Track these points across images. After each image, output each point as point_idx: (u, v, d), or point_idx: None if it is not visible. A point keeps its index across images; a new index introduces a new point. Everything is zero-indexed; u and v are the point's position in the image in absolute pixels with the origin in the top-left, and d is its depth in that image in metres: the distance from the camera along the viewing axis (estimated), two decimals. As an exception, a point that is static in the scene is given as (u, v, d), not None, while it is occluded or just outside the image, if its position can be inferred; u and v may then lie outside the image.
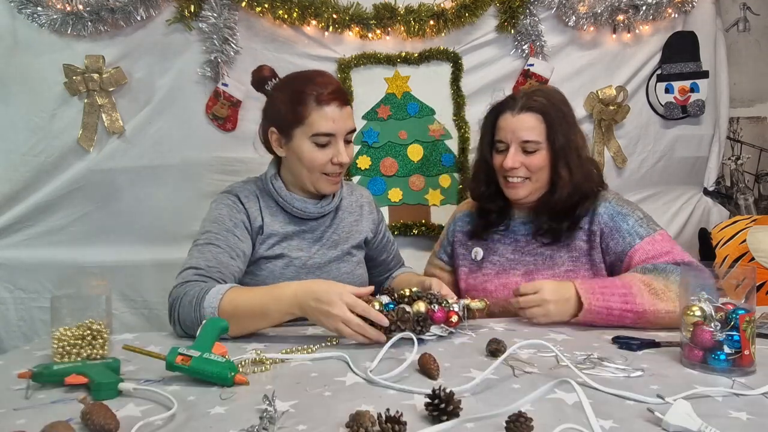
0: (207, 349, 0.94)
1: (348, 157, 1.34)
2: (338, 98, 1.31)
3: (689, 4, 2.23)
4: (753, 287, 0.94)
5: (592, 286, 1.22)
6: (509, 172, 1.43)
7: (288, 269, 1.35)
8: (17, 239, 2.04)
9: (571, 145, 1.42)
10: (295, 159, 1.34)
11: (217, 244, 1.27)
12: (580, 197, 1.42)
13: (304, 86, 1.31)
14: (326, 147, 1.31)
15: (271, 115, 1.37)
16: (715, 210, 2.45)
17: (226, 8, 1.97)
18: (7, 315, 2.06)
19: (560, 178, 1.41)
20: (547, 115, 1.41)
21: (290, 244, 1.37)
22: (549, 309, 1.21)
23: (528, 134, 1.41)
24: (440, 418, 0.74)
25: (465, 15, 2.07)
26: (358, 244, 1.49)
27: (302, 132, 1.31)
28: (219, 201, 1.37)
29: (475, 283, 1.51)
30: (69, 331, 1.02)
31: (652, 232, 1.35)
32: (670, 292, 1.19)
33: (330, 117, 1.29)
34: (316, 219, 1.41)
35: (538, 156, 1.41)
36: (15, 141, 1.97)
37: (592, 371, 0.92)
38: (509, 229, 1.52)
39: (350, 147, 1.37)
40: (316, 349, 1.09)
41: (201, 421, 0.78)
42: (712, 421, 0.71)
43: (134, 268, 2.05)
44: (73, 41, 1.94)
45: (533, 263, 1.45)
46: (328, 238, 1.42)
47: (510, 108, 1.44)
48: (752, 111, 2.65)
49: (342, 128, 1.31)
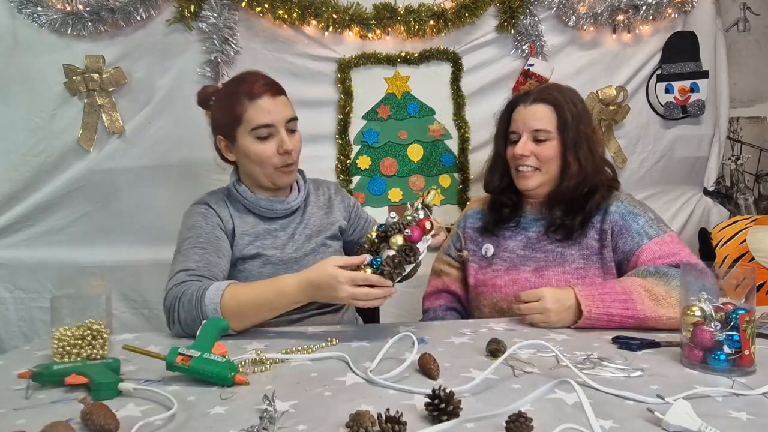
0: (207, 349, 0.94)
1: (292, 145, 1.35)
2: (269, 89, 1.33)
3: (689, 4, 2.23)
4: (753, 287, 0.94)
5: (592, 293, 1.21)
6: (520, 161, 1.45)
7: (265, 267, 1.36)
8: (17, 239, 2.04)
9: (582, 137, 1.43)
10: (245, 159, 1.36)
11: (200, 246, 1.28)
12: (589, 189, 1.43)
13: (235, 87, 1.35)
14: (269, 139, 1.33)
15: (215, 125, 1.42)
16: (715, 210, 2.45)
17: (226, 8, 1.97)
18: (7, 315, 2.06)
19: (569, 167, 1.42)
20: (559, 107, 1.43)
21: (264, 243, 1.38)
22: (550, 316, 1.22)
23: (539, 123, 1.43)
24: (440, 418, 0.74)
25: (465, 15, 2.07)
26: (332, 235, 1.48)
27: (243, 130, 1.33)
28: (191, 212, 1.40)
29: (484, 278, 1.50)
30: (69, 331, 1.02)
31: (662, 233, 1.35)
32: (671, 298, 1.18)
33: (264, 108, 1.31)
34: (286, 217, 1.43)
35: (549, 146, 1.43)
36: (15, 141, 1.97)
37: (592, 371, 0.92)
38: (520, 225, 1.52)
39: (295, 135, 1.38)
40: (316, 349, 1.09)
41: (201, 421, 0.78)
42: (712, 421, 0.71)
43: (134, 268, 2.05)
44: (73, 41, 1.94)
45: (544, 260, 1.44)
46: (300, 234, 1.43)
47: (523, 101, 1.48)
48: (752, 111, 2.65)
49: (279, 117, 1.33)
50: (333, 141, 2.13)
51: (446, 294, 1.62)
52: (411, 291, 2.15)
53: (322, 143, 2.12)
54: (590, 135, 1.46)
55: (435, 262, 1.70)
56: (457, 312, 1.60)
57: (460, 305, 1.62)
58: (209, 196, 1.44)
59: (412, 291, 2.14)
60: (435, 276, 1.67)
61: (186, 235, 1.33)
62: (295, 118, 1.38)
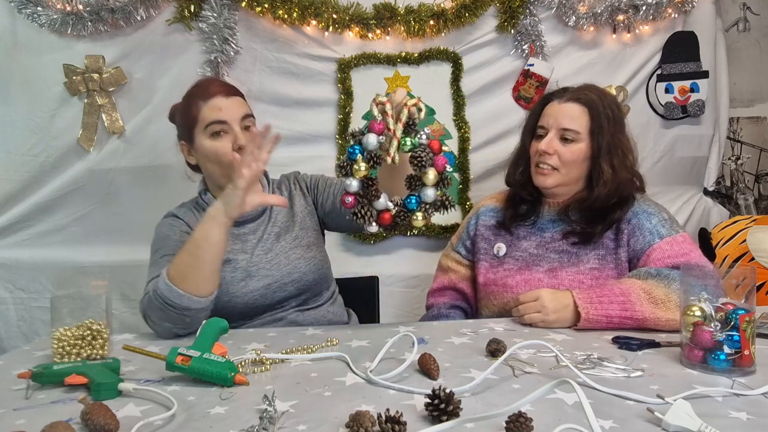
0: (207, 349, 0.94)
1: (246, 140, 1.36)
2: (222, 90, 1.36)
3: (689, 4, 2.23)
4: (753, 287, 0.94)
5: (590, 296, 1.21)
6: (541, 157, 1.41)
7: (237, 272, 1.36)
8: (17, 239, 2.04)
9: (617, 144, 1.39)
10: (204, 159, 1.38)
11: (170, 254, 1.29)
12: (619, 199, 1.39)
13: (191, 92, 1.39)
14: (222, 135, 1.34)
15: (178, 132, 1.44)
16: (715, 210, 2.45)
17: (226, 8, 1.97)
18: (7, 315, 2.06)
19: (602, 174, 1.37)
20: (594, 109, 1.39)
21: (233, 248, 1.38)
22: (548, 314, 1.22)
23: (569, 122, 1.39)
24: (440, 418, 0.74)
25: (465, 15, 2.07)
26: (302, 225, 1.47)
27: (199, 131, 1.35)
28: (160, 224, 1.43)
29: (495, 278, 1.46)
30: (69, 331, 1.02)
31: (674, 233, 1.34)
32: (670, 302, 1.18)
33: (216, 106, 1.34)
34: (253, 221, 1.43)
35: (574, 148, 1.39)
36: (15, 141, 1.97)
37: (592, 371, 0.92)
38: (536, 226, 1.47)
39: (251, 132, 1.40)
40: (316, 349, 1.09)
41: (201, 421, 0.78)
42: (712, 421, 0.71)
43: (134, 268, 2.04)
44: (73, 41, 1.94)
45: (558, 260, 1.41)
46: (269, 233, 1.43)
47: (558, 97, 1.44)
48: (752, 111, 2.64)
49: (233, 115, 1.34)
50: (333, 141, 2.13)
51: (452, 291, 1.59)
52: (411, 291, 2.15)
53: (322, 143, 2.12)
54: (625, 143, 1.42)
55: (442, 257, 1.66)
56: (462, 310, 1.58)
57: (467, 303, 1.59)
58: (178, 208, 1.48)
59: (412, 291, 2.15)
60: (442, 272, 1.63)
61: (156, 247, 1.37)
62: (251, 116, 1.38)
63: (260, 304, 1.36)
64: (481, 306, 1.53)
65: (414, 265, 2.14)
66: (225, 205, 1.20)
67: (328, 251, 1.53)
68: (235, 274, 1.36)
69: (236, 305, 1.34)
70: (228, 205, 1.20)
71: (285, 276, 1.38)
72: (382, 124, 1.09)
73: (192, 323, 1.18)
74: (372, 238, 2.12)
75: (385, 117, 1.09)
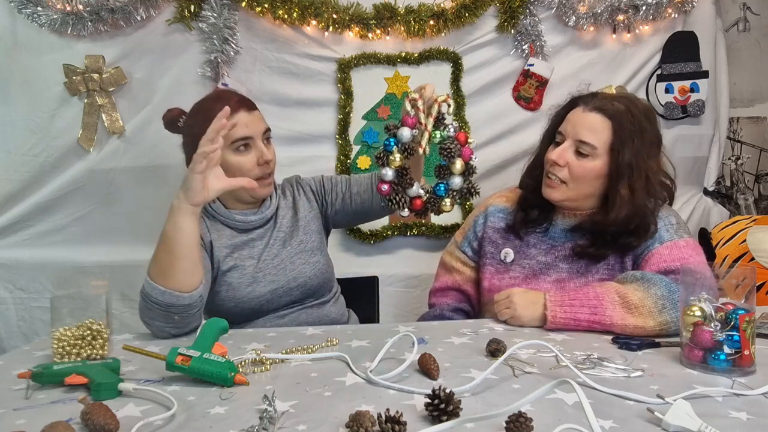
0: (207, 349, 0.94)
1: (271, 155, 1.39)
2: (244, 105, 1.36)
3: (689, 4, 2.23)
4: (753, 287, 0.94)
5: (563, 298, 1.21)
6: (552, 168, 1.33)
7: (244, 277, 1.37)
8: (17, 239, 2.04)
9: (642, 165, 1.28)
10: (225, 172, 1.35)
11: None
12: (636, 226, 1.29)
13: (212, 104, 1.36)
14: (247, 151, 1.35)
15: (192, 144, 1.38)
16: (715, 210, 2.44)
17: (226, 8, 1.97)
18: (7, 315, 2.06)
19: (618, 196, 1.27)
20: (619, 123, 1.28)
21: (240, 254, 1.39)
22: (516, 309, 1.23)
23: (587, 135, 1.29)
24: (440, 418, 0.74)
25: (465, 15, 2.07)
26: (305, 229, 1.47)
27: (224, 146, 1.32)
28: None
29: (500, 284, 1.41)
30: (69, 331, 1.02)
31: (677, 238, 1.30)
32: (643, 308, 1.15)
33: (242, 122, 1.34)
34: (261, 227, 1.44)
35: (588, 164, 1.30)
36: (15, 141, 1.97)
37: (592, 371, 0.93)
38: (548, 234, 1.41)
39: (271, 146, 1.41)
40: (316, 349, 1.09)
41: (201, 421, 0.78)
42: (712, 421, 0.71)
43: (134, 268, 2.04)
44: (73, 41, 1.94)
45: (567, 270, 1.37)
46: (275, 239, 1.44)
47: (584, 103, 1.33)
48: (752, 111, 2.64)
49: (256, 130, 1.36)
50: (333, 141, 2.12)
51: (455, 292, 1.55)
52: (411, 291, 2.15)
53: (322, 143, 2.12)
54: (652, 165, 1.31)
55: (446, 255, 1.60)
56: (465, 313, 1.55)
57: (470, 306, 1.56)
58: None
59: (412, 291, 2.15)
60: (445, 271, 1.58)
61: None
62: (269, 129, 1.41)
63: (266, 308, 1.38)
64: (485, 310, 1.50)
65: (414, 265, 2.14)
66: (186, 191, 1.19)
67: (329, 251, 1.54)
68: (242, 280, 1.36)
69: (243, 310, 1.36)
70: (189, 190, 1.19)
71: (291, 281, 1.40)
72: (414, 119, 1.12)
73: (181, 321, 1.18)
74: (372, 238, 2.12)
75: (417, 112, 1.12)
